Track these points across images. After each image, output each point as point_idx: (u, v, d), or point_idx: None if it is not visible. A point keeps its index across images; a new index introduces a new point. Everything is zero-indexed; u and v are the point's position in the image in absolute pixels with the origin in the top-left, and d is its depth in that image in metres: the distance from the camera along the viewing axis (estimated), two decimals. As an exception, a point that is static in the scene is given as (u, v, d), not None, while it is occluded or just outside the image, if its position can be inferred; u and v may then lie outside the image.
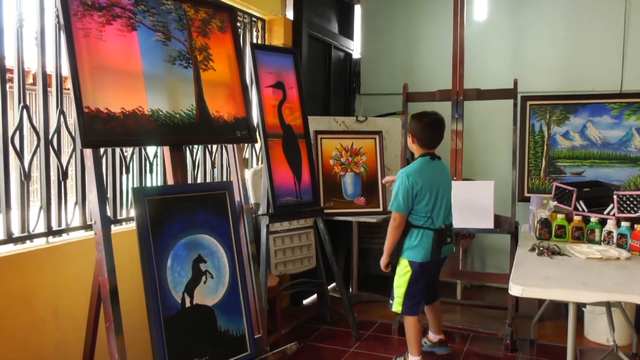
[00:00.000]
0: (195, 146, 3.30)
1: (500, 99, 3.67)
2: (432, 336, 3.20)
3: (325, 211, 3.76)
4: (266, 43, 4.00)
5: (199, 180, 3.36)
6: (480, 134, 4.60)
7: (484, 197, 3.30)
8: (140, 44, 2.17)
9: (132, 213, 2.72)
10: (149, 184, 2.97)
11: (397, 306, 2.92)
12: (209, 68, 2.45)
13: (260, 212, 3.30)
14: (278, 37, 4.02)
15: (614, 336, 2.81)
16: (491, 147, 4.62)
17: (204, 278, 2.26)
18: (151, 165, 2.97)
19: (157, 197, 2.17)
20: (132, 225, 2.77)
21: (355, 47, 5.19)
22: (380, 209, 4.05)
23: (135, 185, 2.89)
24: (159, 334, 2.04)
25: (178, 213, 2.22)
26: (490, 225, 3.37)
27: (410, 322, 2.89)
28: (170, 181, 2.32)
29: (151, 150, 2.98)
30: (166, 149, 2.32)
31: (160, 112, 2.19)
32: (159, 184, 3.03)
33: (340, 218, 3.99)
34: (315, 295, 4.28)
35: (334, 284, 4.33)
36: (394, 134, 4.26)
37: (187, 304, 2.18)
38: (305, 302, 4.29)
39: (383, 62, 5.03)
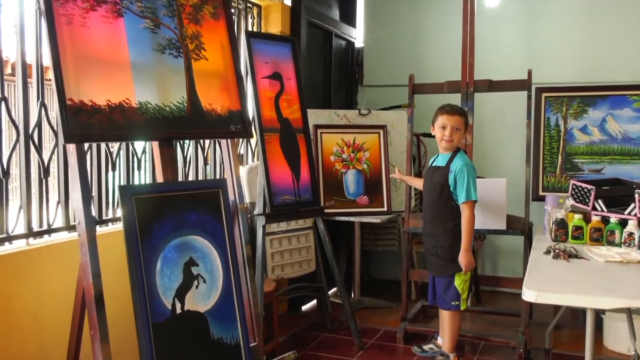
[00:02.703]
0: (187, 141, 3.30)
1: (513, 91, 3.66)
2: (441, 341, 3.21)
3: (326, 211, 3.76)
4: (262, 31, 4.00)
5: (190, 178, 3.36)
6: (491, 129, 4.59)
7: (496, 195, 3.30)
8: (127, 31, 2.16)
9: (119, 213, 2.71)
10: (136, 182, 2.97)
11: (464, 304, 3.08)
12: (201, 58, 2.44)
13: (256, 212, 3.30)
14: (275, 25, 4.01)
15: (636, 345, 2.80)
16: (503, 143, 4.61)
17: (195, 282, 2.26)
18: (139, 161, 2.96)
19: (145, 196, 2.17)
20: (119, 226, 2.77)
21: (357, 36, 5.18)
22: (385, 209, 4.05)
23: (122, 183, 2.89)
24: (148, 342, 2.04)
25: (168, 213, 2.22)
26: (503, 226, 3.37)
27: (459, 317, 3.11)
28: (160, 179, 2.32)
29: (139, 145, 2.98)
30: (155, 144, 2.32)
31: (149, 105, 2.19)
32: (147, 182, 3.03)
33: (342, 218, 4.00)
34: (314, 301, 4.28)
35: (334, 289, 4.33)
36: (399, 128, 4.26)
37: (178, 310, 2.18)
38: (304, 308, 4.29)
39: (388, 52, 5.03)
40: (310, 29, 4.34)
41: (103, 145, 2.77)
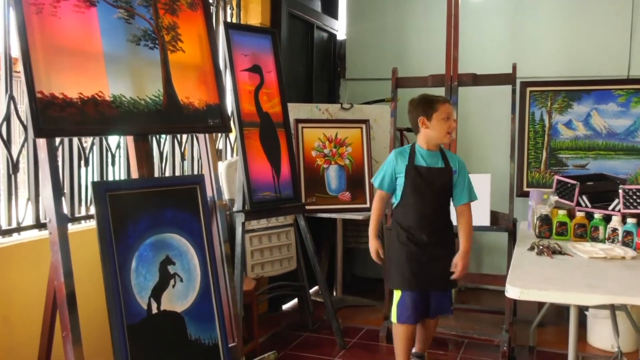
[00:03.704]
0: (163, 136, 3.28)
1: (497, 85, 3.69)
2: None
3: (307, 207, 3.76)
4: (241, 22, 3.98)
5: (167, 174, 3.33)
6: (476, 123, 4.63)
7: (480, 191, 3.31)
8: (100, 21, 2.13)
9: (92, 210, 2.69)
10: (110, 178, 2.94)
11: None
12: (178, 49, 2.43)
13: (235, 209, 3.29)
14: (255, 16, 4.00)
15: (619, 342, 2.86)
16: (488, 138, 4.66)
17: (172, 281, 2.25)
18: (113, 157, 2.94)
19: (120, 193, 2.15)
20: (92, 223, 2.74)
21: (340, 28, 5.19)
22: (367, 205, 4.06)
23: (95, 179, 2.86)
24: (122, 343, 2.03)
25: (143, 210, 2.20)
26: (487, 223, 3.40)
27: None
28: (135, 175, 2.30)
29: (113, 140, 2.95)
30: (130, 139, 2.30)
31: (123, 98, 2.17)
32: (122, 178, 3.00)
33: (324, 215, 4.01)
34: (295, 300, 4.28)
35: (316, 287, 4.34)
36: (382, 122, 4.28)
37: (154, 310, 2.17)
38: (284, 307, 4.30)
39: (371, 44, 5.04)
40: (291, 20, 4.33)
41: (75, 140, 2.73)
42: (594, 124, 4.38)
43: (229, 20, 3.87)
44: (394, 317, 2.81)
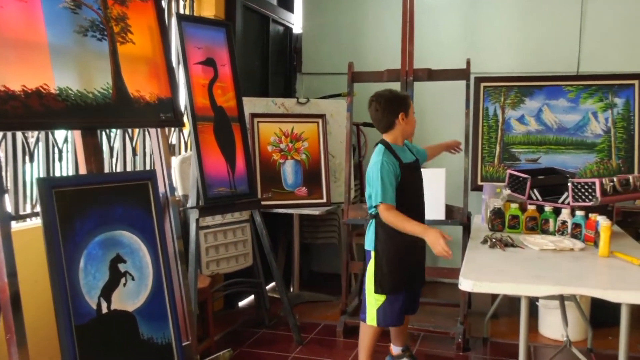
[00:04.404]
0: (113, 131, 3.20)
1: (452, 80, 3.75)
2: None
3: (263, 203, 3.75)
4: (195, 14, 3.92)
5: (118, 170, 3.26)
6: (431, 118, 4.70)
7: (435, 186, 3.39)
8: (44, 11, 2.07)
9: (38, 207, 2.61)
10: (57, 174, 2.86)
11: None
12: (128, 41, 2.38)
13: (189, 205, 3.25)
14: (208, 8, 3.94)
15: (568, 331, 2.96)
16: (443, 132, 4.71)
17: (123, 280, 2.21)
18: (60, 152, 2.85)
19: (67, 189, 2.09)
20: (38, 221, 2.66)
21: (296, 21, 5.18)
22: (324, 200, 4.08)
23: (40, 176, 2.77)
24: (70, 344, 1.97)
25: (92, 207, 2.15)
26: (442, 217, 3.47)
27: None
28: (83, 170, 2.24)
29: (60, 135, 2.87)
30: (77, 133, 2.24)
31: (70, 91, 2.11)
32: (70, 174, 2.92)
33: (280, 210, 4.00)
34: (252, 297, 4.27)
35: (273, 284, 4.33)
36: (338, 117, 4.29)
37: (104, 310, 2.12)
38: (241, 304, 4.28)
39: (327, 39, 5.04)
40: (246, 13, 4.30)
41: (19, 134, 2.64)
42: (545, 119, 4.51)
43: (181, 12, 3.81)
44: (372, 321, 2.78)
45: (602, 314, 3.48)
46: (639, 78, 4.31)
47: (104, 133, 3.12)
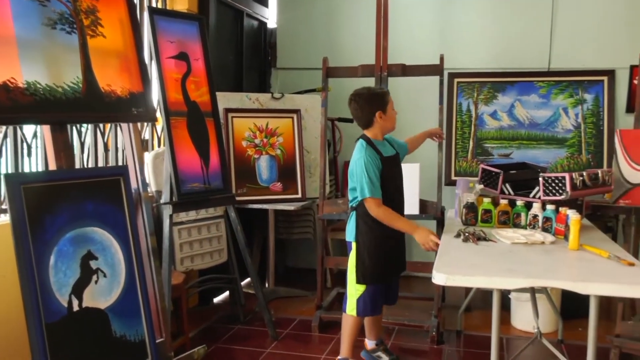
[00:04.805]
0: (85, 126, 3.16)
1: (426, 76, 3.78)
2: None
3: (237, 198, 3.73)
4: (167, 8, 3.88)
5: (90, 166, 3.21)
6: (405, 113, 4.68)
7: (409, 180, 3.40)
8: (11, 3, 2.03)
9: (6, 204, 2.56)
10: (26, 170, 2.81)
11: None
12: (98, 34, 2.34)
13: (162, 201, 3.21)
14: (181, 2, 3.90)
15: (539, 323, 3.01)
16: (417, 127, 4.68)
17: (95, 277, 2.18)
18: (29, 147, 2.80)
19: (36, 185, 2.05)
20: (6, 218, 2.61)
21: (270, 16, 5.15)
22: (299, 196, 4.07)
23: (8, 172, 2.71)
24: (41, 343, 1.94)
25: (62, 203, 2.12)
26: (416, 211, 3.49)
27: None
28: (53, 166, 2.20)
29: (29, 130, 2.81)
30: (46, 128, 2.19)
31: (38, 85, 2.07)
32: (39, 170, 2.87)
33: (255, 206, 3.98)
34: (227, 293, 4.25)
35: (248, 280, 4.32)
36: (313, 112, 4.29)
37: (75, 308, 2.09)
38: (216, 300, 4.26)
39: (302, 33, 5.03)
40: (219, 7, 4.26)
41: (-14, 129, 2.59)
42: (517, 115, 4.57)
43: (153, 5, 3.76)
44: (352, 311, 2.87)
45: (572, 306, 3.55)
46: (608, 74, 4.40)
47: (74, 128, 3.08)
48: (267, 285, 4.41)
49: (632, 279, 2.00)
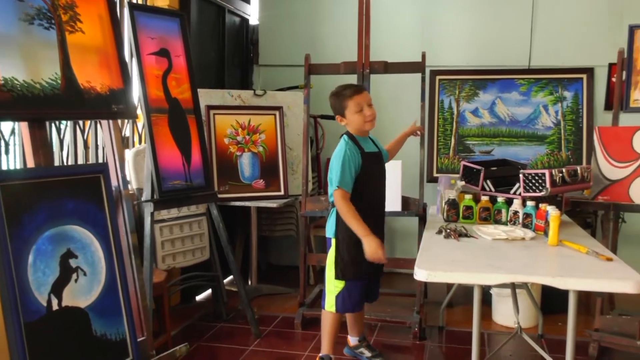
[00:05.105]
0: (64, 122, 3.12)
1: (408, 73, 3.79)
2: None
3: (220, 196, 3.72)
4: (148, 4, 3.84)
5: (70, 163, 3.18)
6: (388, 110, 4.73)
7: (392, 177, 3.41)
8: (-13, -2, 2.00)
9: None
10: (4, 167, 2.76)
11: None
12: (77, 30, 2.32)
13: (143, 199, 3.19)
14: (162, -3, 3.87)
15: (519, 318, 3.04)
16: (400, 124, 4.70)
17: (74, 276, 2.16)
18: (7, 144, 2.76)
19: (13, 183, 2.03)
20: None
21: (252, 12, 5.13)
22: (282, 193, 4.07)
23: (-14, 169, 2.68)
24: (19, 343, 1.92)
25: (41, 201, 2.09)
26: (398, 208, 3.50)
27: None
28: (31, 163, 2.17)
29: (7, 126, 2.77)
30: (24, 125, 2.17)
31: (16, 81, 2.05)
32: (17, 167, 2.83)
33: (237, 203, 3.97)
34: (209, 291, 4.23)
35: (230, 277, 4.31)
36: (295, 109, 4.28)
37: (55, 307, 2.07)
38: (198, 298, 4.23)
39: (284, 30, 5.02)
40: (200, 3, 4.23)
41: (-37, 126, 2.55)
42: (498, 112, 4.61)
43: (134, 1, 3.72)
44: (331, 307, 2.86)
45: (552, 301, 3.59)
46: (587, 72, 4.45)
47: (53, 125, 3.04)
48: (249, 282, 4.40)
49: (610, 274, 2.03)
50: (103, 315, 2.23)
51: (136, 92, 3.11)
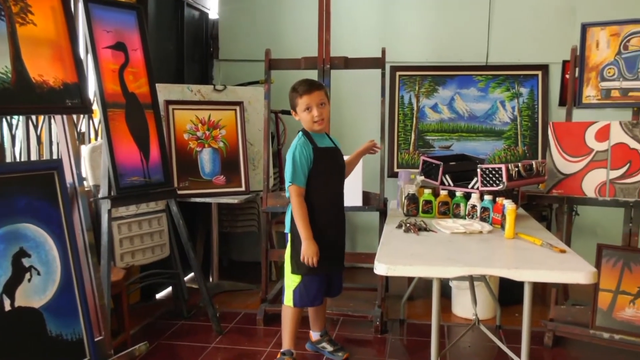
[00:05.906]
0: (15, 118, 3.02)
1: (368, 69, 3.81)
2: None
3: (179, 192, 3.67)
4: (104, -4, 3.75)
5: (22, 160, 3.08)
6: (348, 106, 4.76)
7: (352, 172, 3.42)
8: None
9: None
10: (-47, 164, 2.67)
11: None
12: (28, 22, 2.25)
13: (100, 195, 3.12)
14: (119, -10, 3.78)
15: (477, 310, 3.10)
16: (360, 120, 4.80)
17: (28, 275, 2.11)
18: (-44, 140, 2.66)
19: (-38, 180, 1.96)
20: None
21: (212, 6, 5.07)
22: (243, 189, 4.04)
23: None
24: (-31, 345, 1.86)
25: (-9, 198, 2.03)
26: (359, 203, 3.53)
27: None
28: (-20, 160, 2.11)
29: (-45, 122, 2.68)
30: (-27, 120, 2.10)
31: (-37, 75, 1.97)
32: (-33, 164, 2.74)
33: (197, 199, 3.93)
34: (170, 288, 4.18)
35: (191, 274, 4.26)
36: (256, 104, 4.26)
37: (7, 307, 2.02)
38: (158, 296, 4.18)
39: (244, 25, 4.97)
40: (158, -4, 4.16)
41: None
42: (457, 108, 4.68)
43: (89, -7, 3.62)
44: (290, 302, 2.89)
45: (509, 293, 3.67)
46: (542, 69, 4.56)
47: (4, 120, 2.94)
48: (211, 279, 4.36)
49: (564, 265, 2.08)
50: (58, 316, 2.18)
51: (92, 86, 3.04)
